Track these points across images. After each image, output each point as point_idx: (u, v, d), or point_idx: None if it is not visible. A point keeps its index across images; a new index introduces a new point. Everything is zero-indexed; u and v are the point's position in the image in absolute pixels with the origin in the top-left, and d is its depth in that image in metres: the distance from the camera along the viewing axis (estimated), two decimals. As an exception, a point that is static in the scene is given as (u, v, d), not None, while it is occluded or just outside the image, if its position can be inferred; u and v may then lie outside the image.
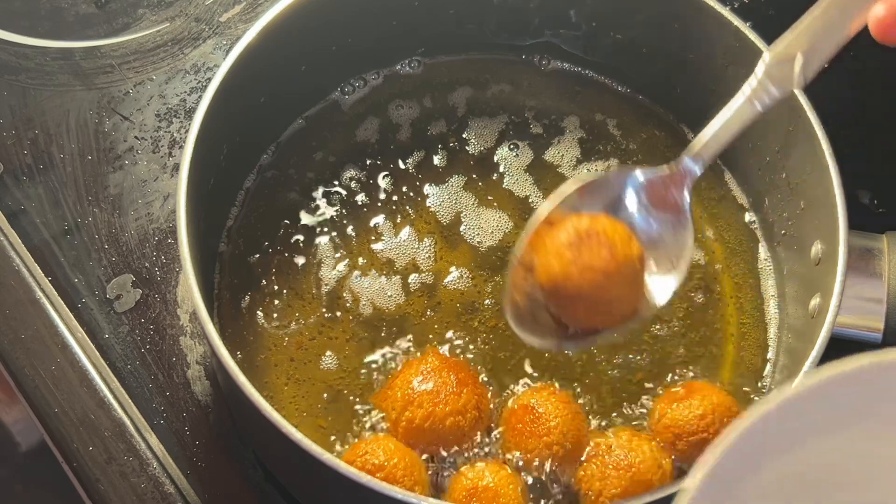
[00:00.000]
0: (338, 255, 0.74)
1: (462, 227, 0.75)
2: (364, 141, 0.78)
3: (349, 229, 0.75)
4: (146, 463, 0.68)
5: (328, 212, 0.75)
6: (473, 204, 0.76)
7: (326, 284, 0.72)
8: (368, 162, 0.77)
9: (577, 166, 0.78)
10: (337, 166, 0.77)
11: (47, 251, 0.75)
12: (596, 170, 0.78)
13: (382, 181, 0.77)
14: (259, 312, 0.71)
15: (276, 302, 0.72)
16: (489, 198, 0.76)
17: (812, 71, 0.53)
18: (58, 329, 0.72)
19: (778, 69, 0.54)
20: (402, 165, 0.77)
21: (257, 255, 0.73)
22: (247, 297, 0.72)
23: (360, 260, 0.73)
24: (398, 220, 0.75)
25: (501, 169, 0.77)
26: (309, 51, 0.75)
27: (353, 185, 0.76)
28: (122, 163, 0.78)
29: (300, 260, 0.73)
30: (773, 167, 0.73)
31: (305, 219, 0.75)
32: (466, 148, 0.78)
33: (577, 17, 0.78)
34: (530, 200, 0.76)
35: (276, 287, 0.72)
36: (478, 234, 0.75)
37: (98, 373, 0.71)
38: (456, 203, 0.76)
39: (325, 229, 0.74)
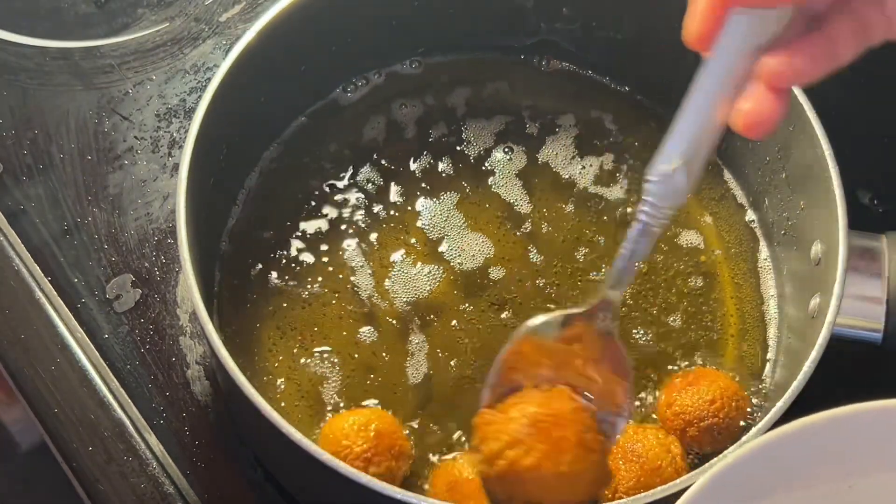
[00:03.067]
0: (338, 254, 0.74)
1: (464, 227, 0.75)
2: (366, 141, 0.78)
3: (350, 229, 0.74)
4: (146, 463, 0.68)
5: (330, 211, 0.75)
6: (477, 199, 0.76)
7: (327, 284, 0.72)
8: (369, 162, 0.77)
9: (571, 161, 0.78)
10: (338, 166, 0.77)
11: (47, 251, 0.75)
12: (590, 166, 0.78)
13: (385, 181, 0.77)
14: (259, 312, 0.71)
15: (277, 301, 0.72)
16: (490, 197, 0.76)
17: (696, 176, 0.52)
18: (57, 329, 0.72)
19: (664, 187, 0.53)
20: (403, 165, 0.77)
21: (258, 254, 0.73)
22: (247, 297, 0.72)
23: (361, 260, 0.73)
24: (399, 221, 0.75)
25: (505, 165, 0.77)
26: (308, 51, 0.75)
27: (353, 184, 0.76)
28: (121, 163, 0.78)
29: (301, 260, 0.73)
30: (773, 167, 0.73)
31: (306, 218, 0.75)
32: (467, 148, 0.78)
33: (577, 18, 0.78)
34: (516, 205, 0.76)
35: (276, 286, 0.72)
36: (483, 230, 0.75)
37: (98, 373, 0.71)
38: (460, 196, 0.76)
39: (327, 228, 0.74)
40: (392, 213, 0.75)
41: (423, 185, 0.76)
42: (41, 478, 0.86)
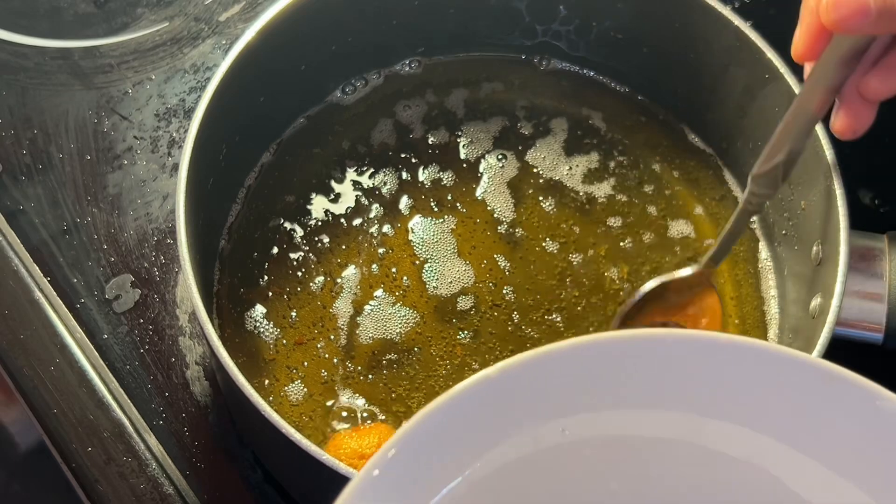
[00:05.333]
0: (338, 255, 0.73)
1: (464, 229, 0.75)
2: (365, 142, 0.78)
3: (350, 229, 0.74)
4: (145, 463, 0.68)
5: (330, 211, 0.75)
6: (478, 201, 0.76)
7: (327, 283, 0.72)
8: (369, 163, 0.77)
9: (568, 160, 0.78)
10: (339, 166, 0.77)
11: (46, 251, 0.75)
12: (596, 173, 0.78)
13: (384, 182, 0.76)
14: (259, 312, 0.71)
15: (277, 301, 0.72)
16: (488, 199, 0.76)
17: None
18: (56, 329, 0.71)
19: (764, 180, 0.64)
20: (403, 166, 0.77)
21: (258, 254, 0.73)
22: (247, 297, 0.72)
23: (361, 260, 0.73)
24: (399, 222, 0.75)
25: (505, 165, 0.77)
26: (308, 50, 0.75)
27: (353, 185, 0.76)
28: (121, 163, 0.78)
29: (301, 259, 0.73)
30: (774, 167, 0.73)
31: (307, 218, 0.75)
32: (468, 151, 0.78)
33: (577, 17, 0.78)
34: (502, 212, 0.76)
35: (276, 286, 0.72)
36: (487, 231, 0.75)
37: (97, 373, 0.70)
38: (459, 195, 0.76)
39: (327, 229, 0.74)
40: (390, 213, 0.75)
41: (423, 186, 0.76)
42: (40, 478, 0.86)
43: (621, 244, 0.75)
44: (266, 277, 0.72)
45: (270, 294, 0.72)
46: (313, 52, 0.75)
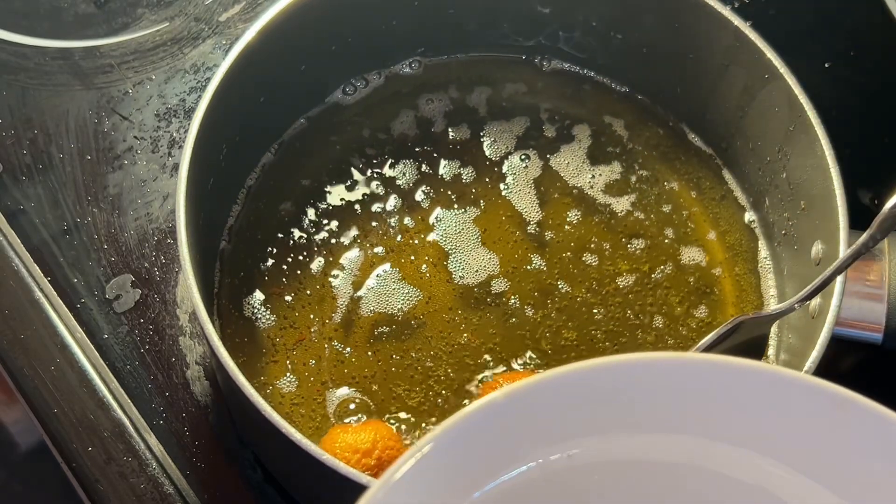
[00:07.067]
0: (338, 255, 0.73)
1: (465, 230, 0.75)
2: (366, 142, 0.78)
3: (350, 230, 0.74)
4: (145, 463, 0.68)
5: (330, 212, 0.75)
6: (473, 201, 0.76)
7: (327, 284, 0.72)
8: (371, 163, 0.77)
9: (569, 160, 0.78)
10: (337, 167, 0.77)
11: (46, 251, 0.75)
12: (599, 175, 0.78)
13: (386, 180, 0.76)
14: (259, 312, 0.71)
15: (277, 301, 0.72)
16: (492, 202, 0.76)
17: None
18: (57, 329, 0.72)
19: (887, 223, 0.60)
20: (402, 167, 0.77)
21: (258, 254, 0.73)
22: (247, 297, 0.72)
23: (361, 260, 0.73)
24: (399, 221, 0.75)
25: (506, 166, 0.77)
26: (309, 50, 0.75)
27: (353, 186, 0.76)
28: (121, 163, 0.78)
29: (301, 259, 0.73)
30: (774, 167, 0.73)
31: (307, 218, 0.75)
32: (468, 151, 0.78)
33: (578, 17, 0.78)
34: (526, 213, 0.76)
35: (276, 286, 0.72)
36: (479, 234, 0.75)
37: (97, 373, 0.71)
38: (456, 198, 0.76)
39: (327, 229, 0.74)
40: (390, 213, 0.75)
41: (424, 188, 0.76)
42: (41, 478, 0.86)
43: (628, 248, 0.75)
44: (266, 277, 0.72)
45: (271, 294, 0.72)
46: (313, 53, 0.75)
